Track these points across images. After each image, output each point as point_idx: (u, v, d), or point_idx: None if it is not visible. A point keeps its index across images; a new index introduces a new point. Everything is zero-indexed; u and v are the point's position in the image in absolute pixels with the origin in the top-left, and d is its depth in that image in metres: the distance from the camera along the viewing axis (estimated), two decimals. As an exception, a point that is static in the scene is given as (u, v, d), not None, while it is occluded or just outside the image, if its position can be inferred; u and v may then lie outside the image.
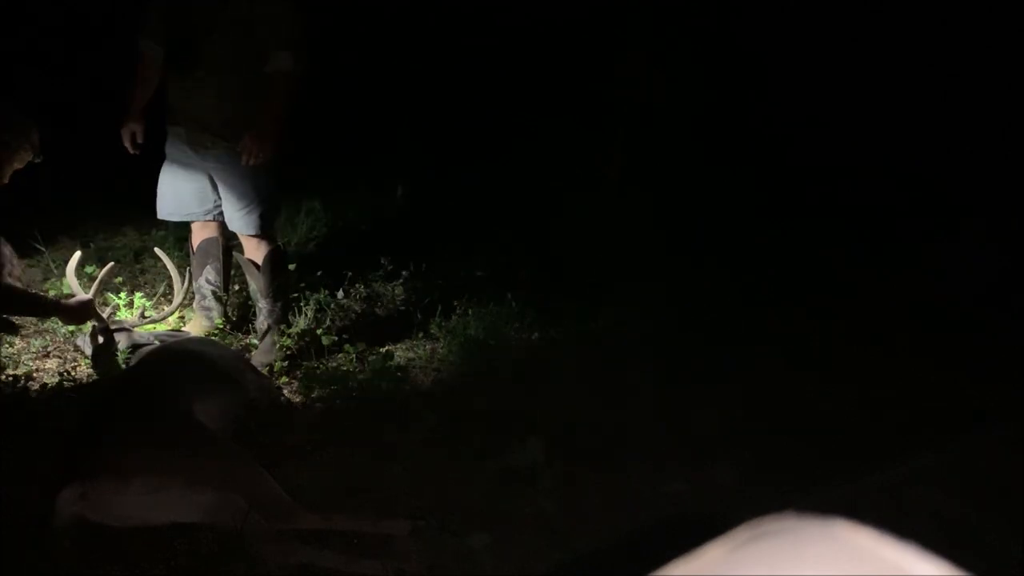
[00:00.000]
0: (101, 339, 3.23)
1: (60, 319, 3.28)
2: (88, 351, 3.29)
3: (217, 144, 3.39)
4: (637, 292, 4.30)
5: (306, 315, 3.72)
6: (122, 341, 3.29)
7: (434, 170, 6.03)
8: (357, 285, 4.12)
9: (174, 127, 3.48)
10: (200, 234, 3.71)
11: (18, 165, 2.99)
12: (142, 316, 3.52)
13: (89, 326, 3.27)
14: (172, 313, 3.60)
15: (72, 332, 3.59)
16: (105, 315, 3.29)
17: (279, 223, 4.03)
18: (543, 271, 4.52)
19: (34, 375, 3.34)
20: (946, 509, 2.67)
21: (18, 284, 3.08)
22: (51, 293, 3.98)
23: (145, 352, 3.18)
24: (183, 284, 3.48)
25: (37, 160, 3.02)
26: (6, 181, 2.99)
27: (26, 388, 3.16)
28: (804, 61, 5.94)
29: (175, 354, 3.10)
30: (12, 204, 3.10)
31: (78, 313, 3.17)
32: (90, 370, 3.32)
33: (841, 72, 5.99)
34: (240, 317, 3.89)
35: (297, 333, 3.62)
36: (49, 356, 3.56)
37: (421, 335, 3.95)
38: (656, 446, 3.09)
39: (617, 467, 2.92)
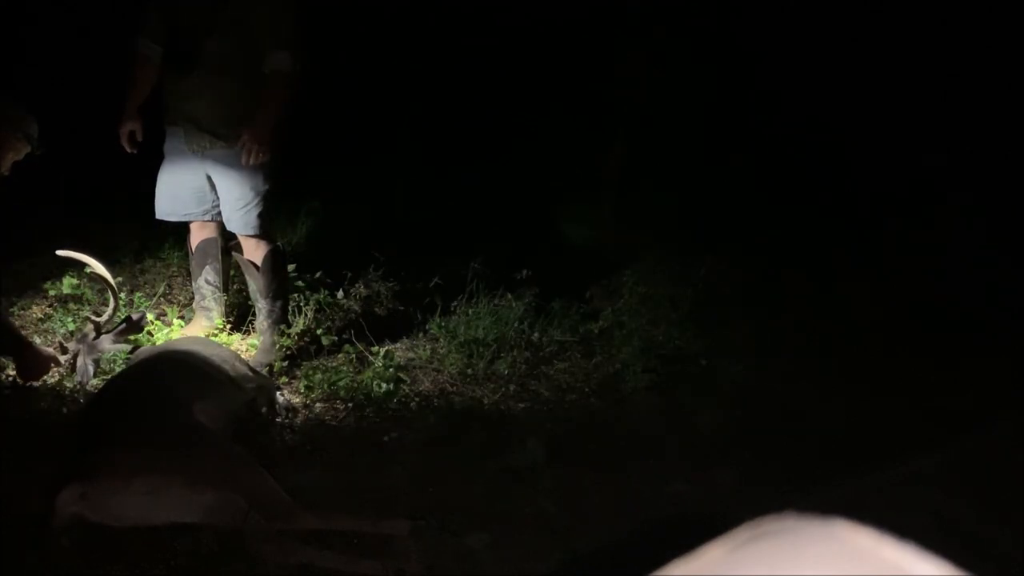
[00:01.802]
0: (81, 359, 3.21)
1: (17, 364, 3.08)
2: (91, 376, 3.22)
3: (215, 144, 3.39)
4: (636, 292, 4.29)
5: (306, 315, 3.72)
6: (85, 353, 3.24)
7: (434, 170, 6.02)
8: (357, 285, 4.12)
9: (172, 127, 3.47)
10: (199, 234, 3.70)
11: (17, 157, 2.99)
12: (95, 326, 3.29)
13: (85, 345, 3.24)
14: (112, 315, 3.34)
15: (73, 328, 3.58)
16: (106, 315, 3.29)
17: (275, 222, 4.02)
18: (543, 271, 4.52)
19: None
20: (946, 509, 2.67)
21: None
22: (51, 293, 3.98)
23: (144, 352, 3.18)
24: (112, 282, 3.35)
25: (37, 152, 3.00)
26: (7, 172, 2.99)
27: (26, 388, 3.16)
28: (804, 61, 5.93)
29: (175, 354, 3.10)
30: (12, 204, 3.10)
31: (41, 364, 3.09)
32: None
33: (842, 72, 5.99)
34: (240, 317, 3.89)
35: (297, 333, 3.62)
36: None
37: (421, 335, 3.95)
38: (656, 446, 3.09)
39: (617, 467, 2.92)
